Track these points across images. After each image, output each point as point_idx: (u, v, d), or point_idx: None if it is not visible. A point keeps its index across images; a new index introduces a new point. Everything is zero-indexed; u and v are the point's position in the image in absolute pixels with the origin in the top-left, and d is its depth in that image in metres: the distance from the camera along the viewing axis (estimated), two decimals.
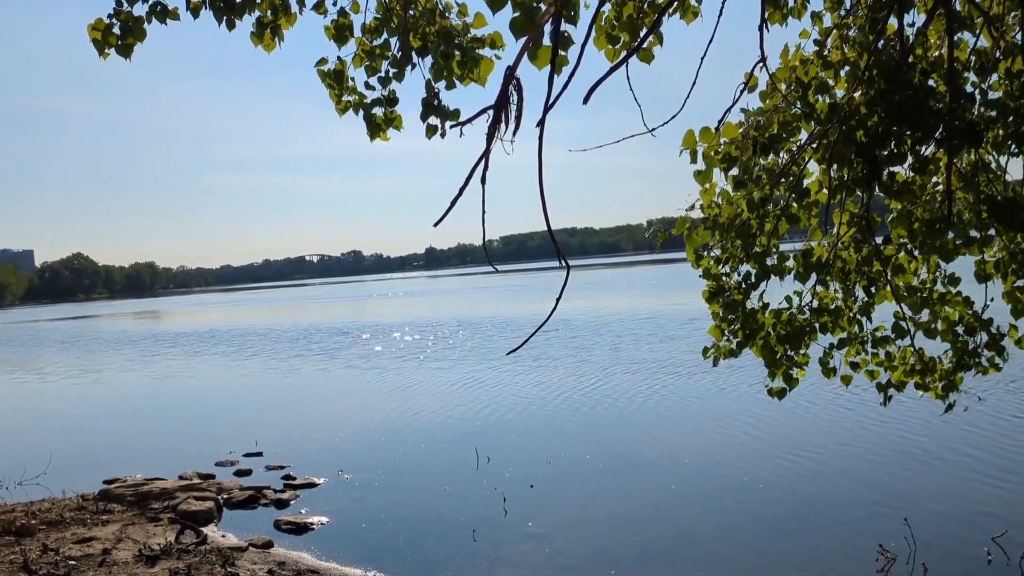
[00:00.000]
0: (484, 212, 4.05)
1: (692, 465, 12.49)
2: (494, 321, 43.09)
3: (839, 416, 14.66)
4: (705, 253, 6.29)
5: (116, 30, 5.58)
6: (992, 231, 5.85)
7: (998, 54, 5.53)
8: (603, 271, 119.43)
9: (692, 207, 6.07)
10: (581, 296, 56.56)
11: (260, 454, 15.15)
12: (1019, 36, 5.41)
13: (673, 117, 4.70)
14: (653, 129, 4.62)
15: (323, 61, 6.12)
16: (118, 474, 13.90)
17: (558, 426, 16.03)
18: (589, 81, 3.92)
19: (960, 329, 6.21)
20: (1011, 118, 5.47)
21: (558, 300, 4.05)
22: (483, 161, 3.91)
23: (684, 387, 19.07)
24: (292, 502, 11.98)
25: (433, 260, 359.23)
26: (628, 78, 4.46)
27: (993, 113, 5.49)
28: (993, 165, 5.93)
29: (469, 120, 4.06)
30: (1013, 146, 5.56)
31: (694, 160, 5.70)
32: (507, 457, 13.68)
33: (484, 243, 4.24)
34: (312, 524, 10.86)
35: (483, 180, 3.93)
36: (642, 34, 4.92)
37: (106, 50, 5.58)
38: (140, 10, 5.52)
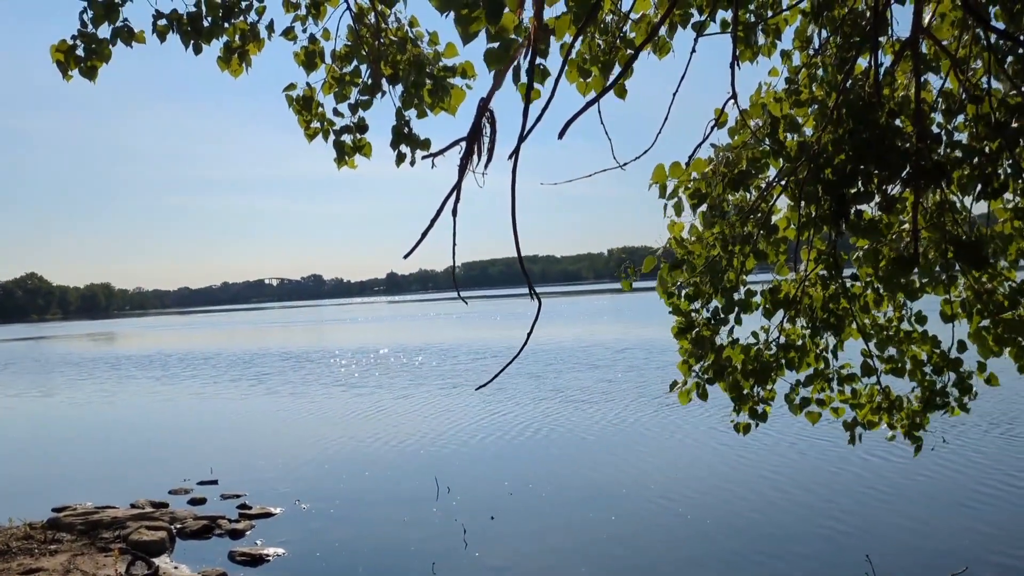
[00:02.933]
0: (455, 244, 3.97)
1: (654, 498, 12.42)
2: (456, 348, 42.86)
3: (803, 452, 14.73)
4: (675, 290, 6.25)
5: (80, 51, 5.43)
6: (957, 271, 5.89)
7: (964, 96, 5.61)
8: (564, 299, 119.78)
9: (664, 248, 6.03)
10: (545, 325, 56.40)
11: (215, 482, 14.79)
12: (985, 80, 5.49)
13: (645, 152, 4.67)
14: (625, 164, 4.59)
15: (292, 87, 6.02)
16: (68, 502, 13.47)
17: (520, 456, 15.88)
18: (560, 113, 3.87)
19: (928, 368, 6.23)
20: (976, 159, 5.53)
21: (529, 335, 3.97)
22: (455, 193, 3.83)
23: (648, 419, 19.05)
24: (247, 532, 11.68)
25: (394, 285, 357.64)
26: (599, 112, 4.42)
27: (959, 154, 5.54)
28: (959, 205, 5.99)
29: (441, 152, 3.98)
30: (978, 187, 5.62)
31: (663, 194, 5.67)
32: (468, 488, 13.50)
33: (454, 274, 4.16)
34: (268, 556, 10.58)
35: (454, 212, 3.85)
36: (615, 71, 4.90)
37: (69, 72, 5.42)
38: (105, 32, 5.38)
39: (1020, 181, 5.59)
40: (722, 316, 6.21)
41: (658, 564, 9.69)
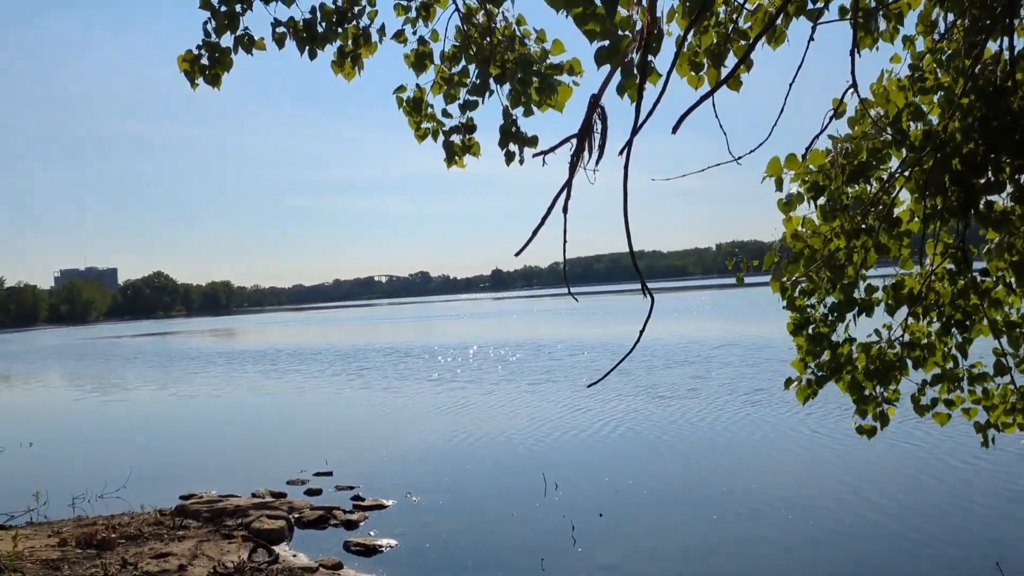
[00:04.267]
0: (565, 241, 3.97)
1: (769, 499, 12.10)
2: (564, 344, 42.88)
3: (932, 455, 14.04)
4: (790, 284, 6.08)
5: (204, 60, 5.70)
6: None
7: None
8: (670, 295, 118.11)
9: (782, 240, 5.87)
10: (653, 321, 55.85)
11: (330, 474, 15.29)
12: None
13: (760, 145, 4.55)
14: (740, 157, 4.48)
15: (402, 88, 6.15)
16: (194, 490, 14.18)
17: (628, 454, 15.77)
18: (670, 107, 3.82)
19: None
20: None
21: (642, 332, 3.95)
22: (566, 190, 3.84)
23: (762, 418, 18.56)
24: (361, 523, 12.02)
25: (499, 282, 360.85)
26: (714, 105, 4.33)
27: None
28: None
29: (552, 149, 3.99)
30: None
31: (779, 188, 5.52)
32: (576, 485, 13.50)
33: (565, 271, 4.16)
34: (381, 547, 10.86)
35: (565, 209, 3.86)
36: (729, 64, 4.79)
37: (196, 80, 5.70)
38: (227, 41, 5.63)
39: None
40: (840, 312, 6.00)
41: (772, 567, 9.45)
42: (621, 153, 3.87)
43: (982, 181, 5.25)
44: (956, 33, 5.52)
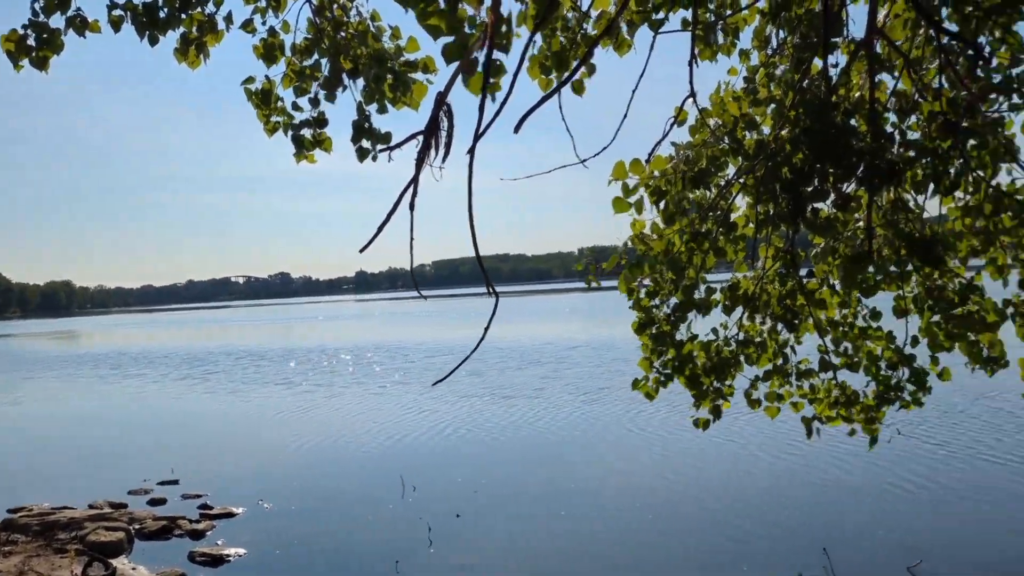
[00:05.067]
0: (412, 239, 3.96)
1: (618, 495, 12.49)
2: (422, 347, 42.73)
3: (762, 447, 14.87)
4: (637, 285, 6.29)
5: (31, 41, 5.34)
6: (910, 267, 5.99)
7: (917, 96, 5.71)
8: (534, 297, 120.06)
9: (625, 244, 6.08)
10: (510, 323, 56.65)
11: (176, 482, 14.60)
12: (937, 80, 5.59)
13: (604, 149, 4.70)
14: (584, 160, 4.61)
15: (250, 80, 5.97)
16: (24, 503, 13.21)
17: (485, 455, 15.87)
18: (521, 109, 3.89)
19: (883, 364, 6.33)
20: (928, 159, 5.63)
21: (486, 330, 3.98)
22: (412, 187, 3.83)
23: (612, 417, 19.12)
24: (208, 533, 11.54)
25: (363, 284, 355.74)
26: (560, 108, 4.44)
27: (912, 153, 5.64)
28: (912, 204, 6.10)
29: (398, 145, 3.98)
30: (930, 186, 5.73)
31: (625, 192, 5.71)
32: (433, 487, 13.47)
33: (412, 270, 4.14)
34: (228, 556, 10.46)
35: (411, 206, 3.85)
36: (573, 66, 4.92)
37: (20, 62, 5.33)
38: (57, 21, 5.29)
39: (970, 180, 5.70)
40: (682, 312, 6.27)
41: (624, 560, 9.75)
42: (468, 153, 3.90)
43: (809, 189, 5.61)
44: (787, 49, 5.88)
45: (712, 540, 10.18)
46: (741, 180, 6.02)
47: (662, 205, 5.86)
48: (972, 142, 5.65)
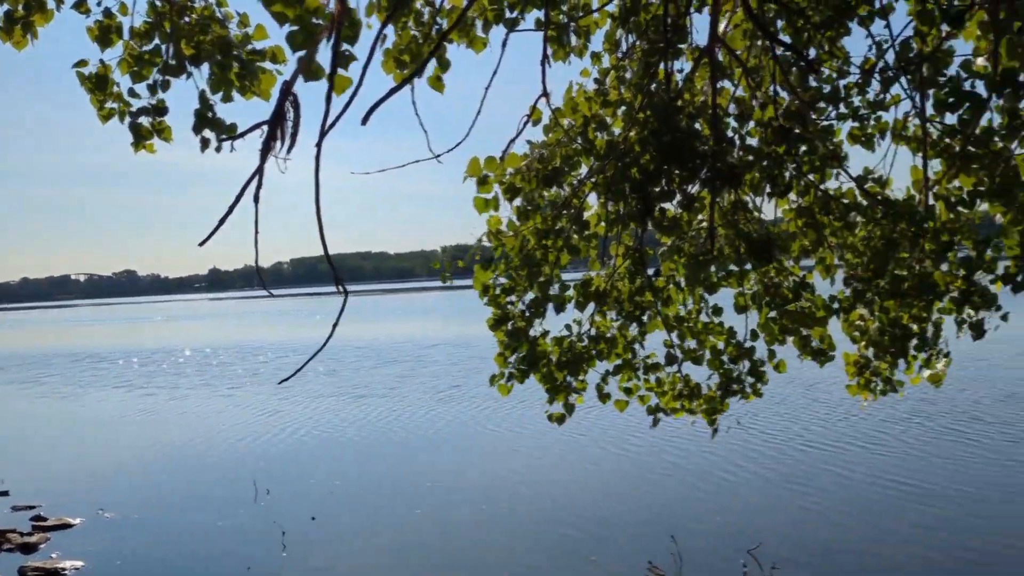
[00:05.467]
0: (257, 232, 3.83)
1: (473, 491, 12.55)
2: (274, 347, 41.53)
3: (612, 440, 15.30)
4: (492, 282, 6.34)
5: None
6: (749, 266, 6.31)
7: (755, 103, 6.03)
8: (395, 296, 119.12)
9: (480, 240, 6.11)
10: (370, 322, 56.02)
11: (6, 493, 13.53)
12: (772, 89, 5.92)
13: (457, 145, 4.70)
14: (439, 155, 4.59)
15: (83, 63, 5.60)
16: None
17: (340, 456, 15.58)
18: (385, 105, 3.83)
19: (725, 357, 6.64)
20: (765, 162, 5.96)
21: (334, 327, 3.90)
22: (256, 179, 3.69)
23: (466, 414, 19.18)
24: (42, 546, 10.76)
25: (217, 282, 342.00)
26: (414, 103, 4.40)
27: (750, 157, 5.95)
28: (751, 205, 6.43)
29: (242, 135, 3.83)
30: (767, 188, 6.06)
31: (480, 188, 5.74)
32: (287, 489, 13.10)
33: (257, 266, 4.00)
34: (64, 569, 9.80)
35: (256, 199, 3.71)
36: (428, 59, 4.89)
37: None
38: None
39: (802, 183, 6.07)
40: (536, 309, 6.36)
41: (479, 555, 9.80)
42: (317, 145, 3.80)
43: (657, 189, 5.81)
44: (636, 53, 6.07)
45: (564, 531, 10.40)
46: (593, 179, 6.17)
47: (516, 202, 5.92)
48: (803, 148, 6.02)
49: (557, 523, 10.73)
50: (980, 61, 5.33)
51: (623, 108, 6.13)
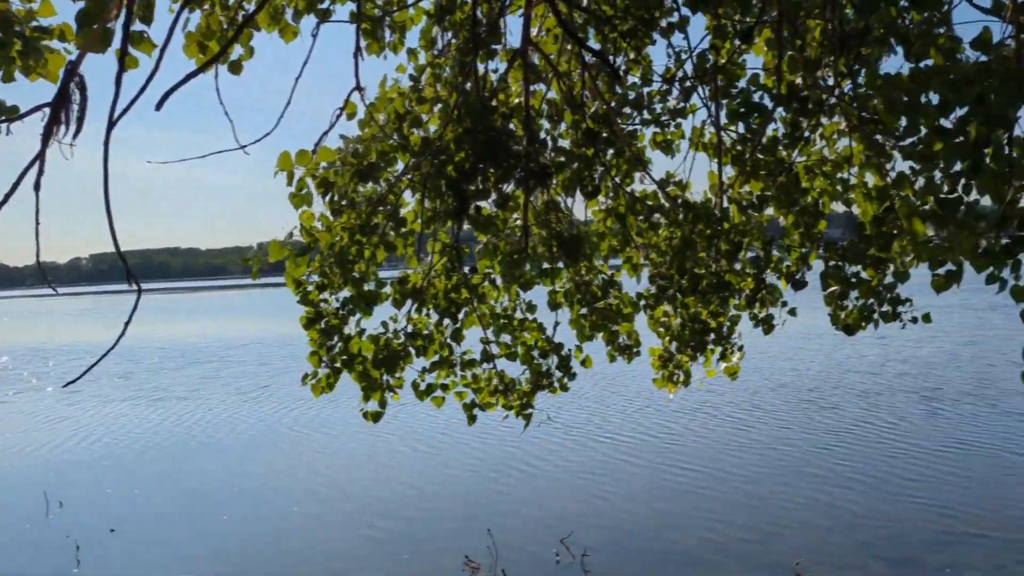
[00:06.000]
0: (38, 224, 3.53)
1: (282, 494, 12.21)
2: (64, 349, 38.53)
3: (425, 438, 15.32)
4: (306, 279, 6.17)
5: None
6: (561, 264, 6.52)
7: (565, 106, 6.22)
8: (207, 294, 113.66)
9: (291, 234, 5.93)
10: (176, 321, 53.20)
11: None
12: (583, 93, 6.15)
13: (265, 135, 4.54)
14: (244, 146, 4.41)
15: None
16: None
17: (139, 463, 14.67)
18: (169, 89, 3.62)
19: (536, 353, 6.81)
20: (576, 164, 6.17)
21: (126, 326, 3.66)
22: (37, 165, 3.40)
23: (274, 416, 18.61)
24: None
25: (5, 279, 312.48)
26: (217, 91, 4.21)
27: (562, 159, 6.14)
28: (563, 206, 6.64)
29: (20, 116, 3.51)
30: (578, 189, 6.27)
31: (290, 182, 5.57)
32: (82, 501, 12.19)
33: (38, 260, 3.69)
34: None
35: (36, 186, 3.42)
36: (230, 43, 4.69)
37: None
38: None
39: (610, 185, 6.33)
40: (352, 306, 6.26)
41: (286, 560, 9.54)
42: (109, 130, 3.55)
43: (472, 188, 5.87)
44: (452, 51, 6.11)
45: (378, 531, 10.33)
46: (409, 176, 6.15)
47: (329, 197, 5.80)
48: (611, 151, 6.29)
49: (370, 523, 10.64)
50: (765, 76, 5.77)
51: (439, 106, 6.15)
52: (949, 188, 3.92)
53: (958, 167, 3.84)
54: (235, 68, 4.58)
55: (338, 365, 6.42)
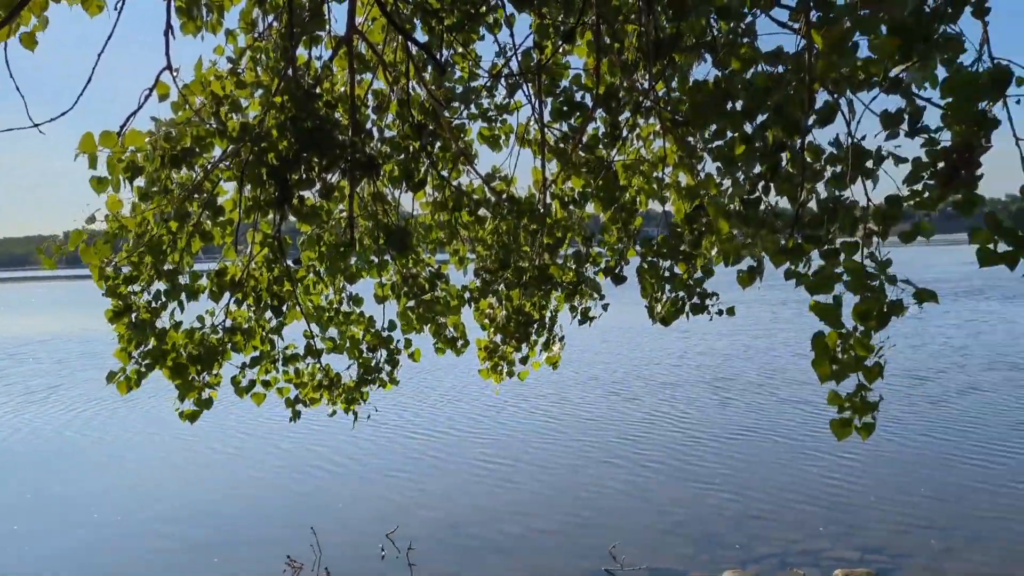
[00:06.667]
0: None
1: (79, 502, 11.42)
2: None
3: (245, 436, 14.84)
4: (111, 269, 5.77)
5: None
6: (388, 257, 6.46)
7: (393, 97, 6.16)
8: (4, 286, 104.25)
9: (92, 219, 5.53)
10: None
11: None
12: (410, 84, 6.10)
13: (63, 114, 4.21)
14: (39, 124, 4.06)
15: None
16: None
17: None
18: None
19: (364, 347, 6.72)
20: (403, 156, 6.13)
21: None
22: None
23: (65, 418, 17.40)
24: None
25: None
26: (8, 64, 3.86)
27: (388, 150, 6.08)
28: (390, 197, 6.58)
29: None
30: (404, 181, 6.23)
31: (93, 166, 5.18)
32: None
33: None
34: None
35: None
36: (16, 12, 4.30)
37: None
38: None
39: (437, 178, 6.34)
40: (165, 299, 5.93)
41: (94, 572, 8.95)
42: None
43: (296, 177, 5.70)
44: (273, 35, 5.89)
45: (197, 533, 9.92)
46: (227, 163, 5.88)
47: (138, 182, 5.46)
48: (438, 144, 6.30)
49: (184, 527, 10.17)
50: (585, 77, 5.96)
51: (260, 91, 5.92)
52: (750, 189, 4.21)
53: (758, 170, 4.13)
54: (28, 41, 4.20)
55: (149, 361, 6.07)
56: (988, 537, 8.92)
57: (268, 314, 6.35)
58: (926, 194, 3.56)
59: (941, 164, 3.46)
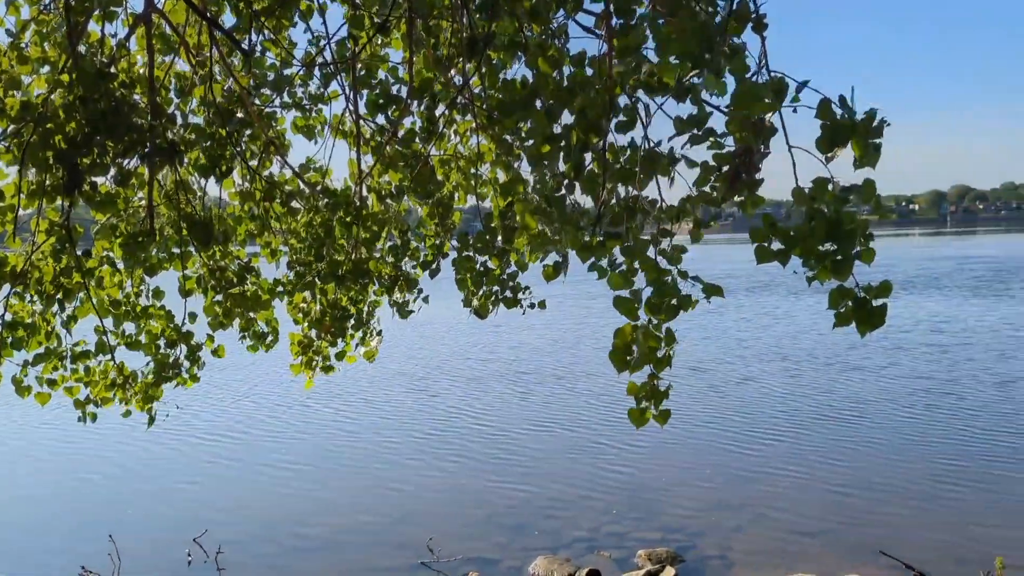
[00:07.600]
0: None
1: None
2: None
3: (35, 439, 13.81)
4: None
5: None
6: (192, 248, 6.14)
7: (196, 80, 5.87)
8: None
9: None
10: None
11: None
12: (214, 70, 5.83)
13: None
14: None
15: None
16: None
17: None
18: None
19: (162, 342, 6.36)
20: (208, 143, 5.85)
21: None
22: None
23: None
24: None
25: None
26: None
27: (193, 136, 5.78)
28: (195, 186, 6.27)
29: None
30: (211, 169, 5.95)
31: None
32: None
33: None
34: None
35: None
36: None
37: None
38: None
39: (245, 166, 6.11)
40: None
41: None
42: None
43: (87, 161, 5.30)
44: (60, 8, 5.45)
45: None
46: (7, 145, 5.39)
47: None
48: (247, 132, 6.06)
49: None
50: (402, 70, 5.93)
51: (47, 68, 5.46)
52: (555, 187, 4.34)
53: (563, 168, 4.27)
54: None
55: None
56: (769, 515, 9.67)
57: (55, 308, 5.88)
58: (713, 194, 3.80)
59: (726, 167, 3.71)
